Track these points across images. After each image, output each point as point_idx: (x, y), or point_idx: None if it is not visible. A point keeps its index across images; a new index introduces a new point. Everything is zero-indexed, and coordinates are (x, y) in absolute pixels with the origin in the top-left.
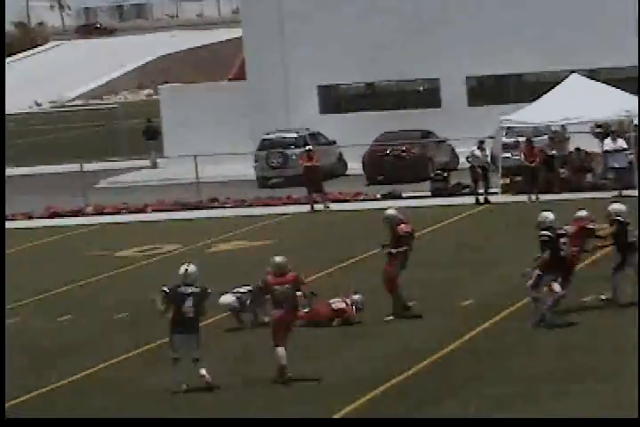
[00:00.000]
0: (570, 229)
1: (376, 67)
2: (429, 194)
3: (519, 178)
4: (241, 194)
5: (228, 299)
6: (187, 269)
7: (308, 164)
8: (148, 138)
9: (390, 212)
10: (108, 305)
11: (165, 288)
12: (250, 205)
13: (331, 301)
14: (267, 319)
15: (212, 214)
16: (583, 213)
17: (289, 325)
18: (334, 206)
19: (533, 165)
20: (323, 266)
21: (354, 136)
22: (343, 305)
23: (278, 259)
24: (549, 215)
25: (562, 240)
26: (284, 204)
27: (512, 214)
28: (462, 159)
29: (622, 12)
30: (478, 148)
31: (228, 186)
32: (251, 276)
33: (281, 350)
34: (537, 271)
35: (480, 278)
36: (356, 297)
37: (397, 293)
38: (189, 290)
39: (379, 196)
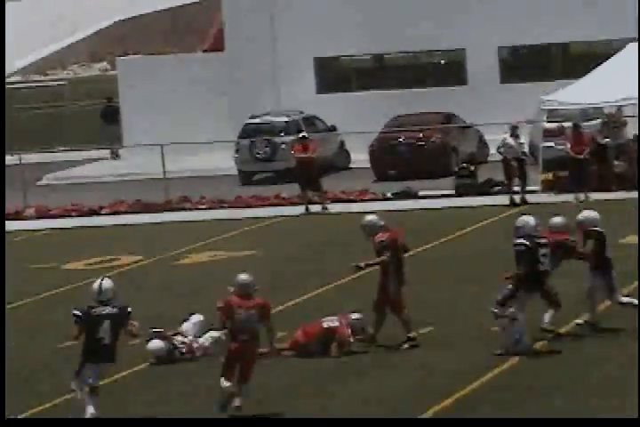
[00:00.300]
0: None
1: (386, 35)
2: (453, 193)
3: (564, 173)
4: (219, 192)
5: (155, 345)
6: (101, 285)
7: (303, 155)
8: (108, 122)
9: (369, 218)
10: (49, 330)
11: (76, 311)
12: (229, 207)
13: (324, 319)
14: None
15: (182, 217)
16: (559, 220)
17: (248, 359)
18: (334, 208)
19: (582, 156)
20: (320, 281)
21: (359, 121)
22: (336, 324)
23: (244, 277)
24: (530, 220)
25: (542, 251)
26: (272, 204)
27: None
28: (493, 149)
29: None
30: (511, 135)
31: (203, 182)
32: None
33: (226, 383)
34: (508, 287)
35: None
36: (355, 316)
37: (404, 314)
38: (105, 311)
39: (389, 195)
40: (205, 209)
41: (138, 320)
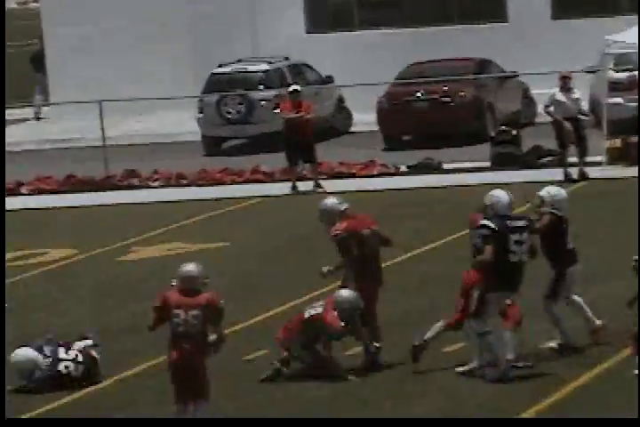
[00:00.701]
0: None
1: None
2: (488, 165)
3: (637, 138)
4: (176, 165)
5: (22, 355)
6: None
7: (293, 115)
8: (38, 70)
9: (325, 202)
10: None
11: None
12: (191, 184)
13: (307, 308)
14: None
15: (127, 198)
16: (501, 195)
17: (194, 372)
18: (330, 185)
19: None
20: (310, 283)
21: (363, 70)
22: (319, 310)
23: (188, 267)
24: (501, 196)
25: (515, 237)
26: (248, 181)
27: (625, 198)
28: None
29: None
30: (562, 88)
31: (156, 151)
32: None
33: (181, 409)
34: (475, 292)
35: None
36: (344, 295)
37: (374, 322)
38: None
39: (404, 168)
40: (159, 187)
41: (64, 333)
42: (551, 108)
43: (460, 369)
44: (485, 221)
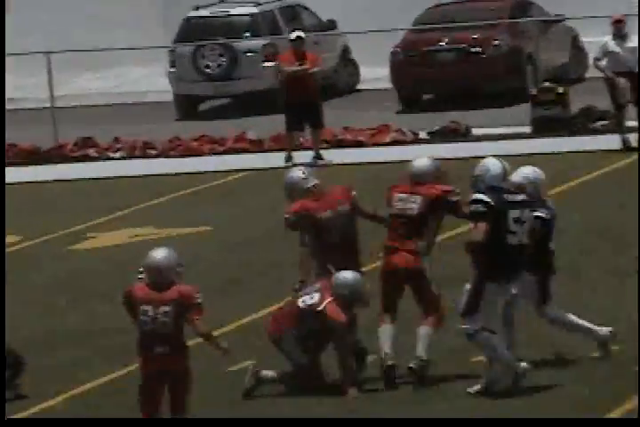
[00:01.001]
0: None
1: None
2: (529, 131)
3: None
4: (143, 131)
5: None
6: None
7: (296, 68)
8: None
9: (292, 176)
10: None
11: None
12: (162, 155)
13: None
14: None
15: (83, 173)
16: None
17: (175, 381)
18: (335, 156)
19: None
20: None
21: (372, 12)
22: (315, 300)
23: (158, 255)
24: (494, 165)
25: (514, 214)
26: (232, 151)
27: None
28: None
29: None
30: (615, 35)
31: (117, 114)
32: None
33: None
34: (467, 285)
35: (616, 300)
36: (345, 277)
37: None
38: None
39: (423, 134)
40: (121, 159)
41: None
42: (603, 62)
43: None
44: (479, 195)
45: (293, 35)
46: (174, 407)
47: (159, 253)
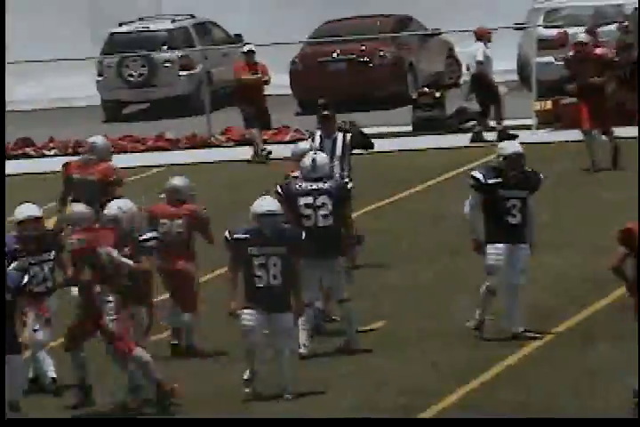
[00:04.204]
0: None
1: None
2: (410, 130)
3: (568, 100)
4: (74, 132)
5: None
6: None
7: (251, 76)
8: None
9: (175, 183)
10: None
11: None
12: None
13: None
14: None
15: (20, 168)
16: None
17: (184, 276)
18: (239, 153)
19: (600, 78)
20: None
21: (274, 28)
22: None
23: (175, 180)
24: (510, 146)
25: (514, 193)
26: (152, 148)
27: (558, 164)
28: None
29: None
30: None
31: (53, 118)
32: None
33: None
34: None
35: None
36: None
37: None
38: None
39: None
40: (55, 155)
41: None
42: (473, 68)
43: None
44: (476, 174)
45: (246, 48)
46: (184, 306)
47: (179, 179)
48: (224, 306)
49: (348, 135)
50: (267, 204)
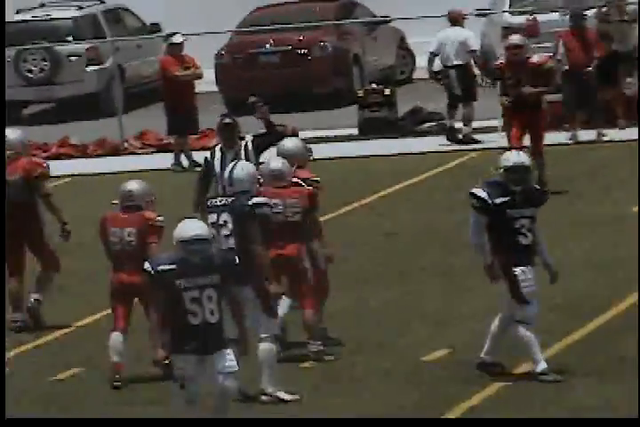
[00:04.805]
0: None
1: None
2: (356, 132)
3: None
4: None
5: None
6: None
7: (187, 72)
8: None
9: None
10: None
11: None
12: None
13: None
14: None
15: None
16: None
17: (139, 291)
18: (158, 162)
19: (585, 69)
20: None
21: (197, 15)
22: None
23: (130, 185)
24: (515, 156)
25: (524, 212)
26: (55, 156)
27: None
28: (423, 60)
29: None
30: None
31: None
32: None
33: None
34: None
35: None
36: None
37: None
38: None
39: (249, 137)
40: None
41: None
42: (433, 60)
43: None
44: (478, 191)
45: (174, 39)
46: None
47: (135, 185)
48: None
49: (249, 140)
50: (194, 227)
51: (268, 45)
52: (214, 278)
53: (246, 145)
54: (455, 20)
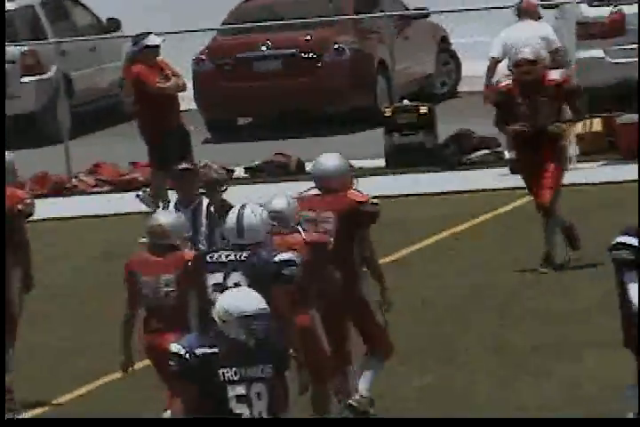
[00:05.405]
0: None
1: None
2: (382, 164)
3: (628, 117)
4: None
5: None
6: None
7: (169, 83)
8: None
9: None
10: None
11: None
12: None
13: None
14: None
15: None
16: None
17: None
18: (121, 205)
19: None
20: None
21: (166, 9)
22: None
23: (160, 217)
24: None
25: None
26: None
27: (612, 214)
28: (473, 68)
29: None
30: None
31: None
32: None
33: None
34: None
35: None
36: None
37: None
38: None
39: (239, 171)
40: None
41: None
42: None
43: None
44: (626, 238)
45: (150, 41)
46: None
47: (165, 217)
48: None
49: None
50: (252, 297)
51: (264, 48)
52: (267, 370)
53: (209, 204)
54: (528, 11)
